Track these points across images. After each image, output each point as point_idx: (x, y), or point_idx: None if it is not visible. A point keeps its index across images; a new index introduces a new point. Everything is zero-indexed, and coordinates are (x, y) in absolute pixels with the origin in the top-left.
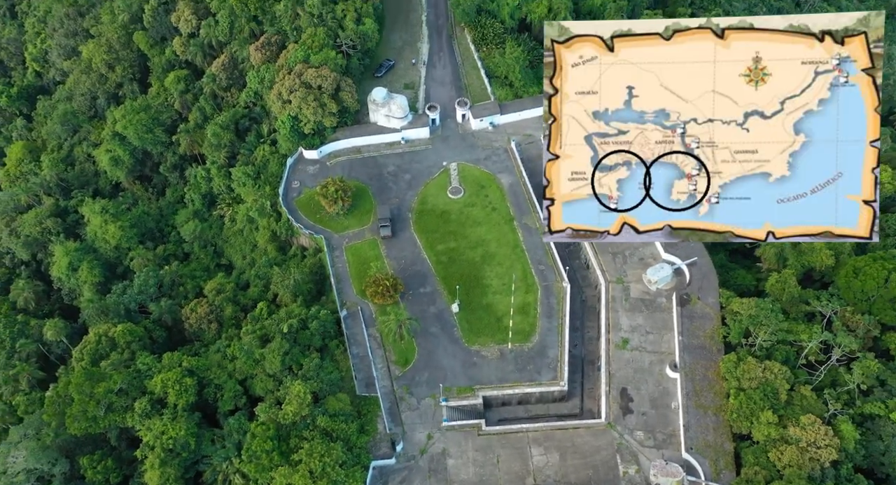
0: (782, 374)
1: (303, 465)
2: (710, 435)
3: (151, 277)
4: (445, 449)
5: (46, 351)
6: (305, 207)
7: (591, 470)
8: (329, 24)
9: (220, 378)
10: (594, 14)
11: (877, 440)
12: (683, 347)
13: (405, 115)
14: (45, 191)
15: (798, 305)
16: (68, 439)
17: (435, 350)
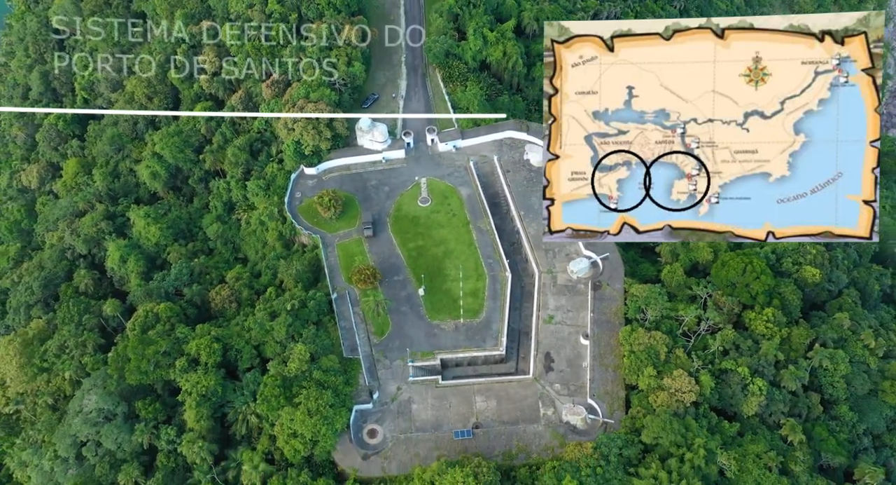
0: (663, 340)
1: (302, 406)
2: (609, 386)
3: (184, 267)
4: (411, 397)
5: (104, 323)
6: (305, 213)
7: (519, 412)
8: (325, 67)
9: (240, 344)
10: (542, 57)
11: (728, 388)
12: (594, 321)
13: (386, 139)
14: (97, 198)
15: (683, 290)
16: (126, 387)
17: (404, 324)
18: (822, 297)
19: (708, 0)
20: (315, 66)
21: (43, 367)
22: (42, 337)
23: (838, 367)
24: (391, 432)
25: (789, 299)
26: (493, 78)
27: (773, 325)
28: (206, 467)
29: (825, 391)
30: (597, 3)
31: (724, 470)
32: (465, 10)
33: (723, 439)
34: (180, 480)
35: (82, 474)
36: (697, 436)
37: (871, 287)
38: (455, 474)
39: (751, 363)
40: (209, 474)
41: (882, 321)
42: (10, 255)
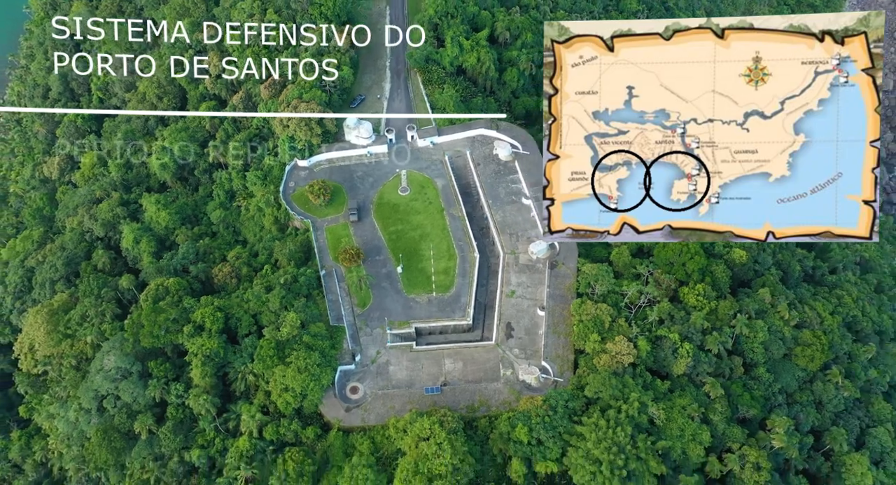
0: (608, 311)
1: (293, 365)
2: (560, 350)
3: (191, 248)
4: (388, 360)
5: (120, 296)
6: (298, 200)
7: (482, 373)
8: (317, 71)
9: (239, 313)
10: (513, 62)
11: (661, 351)
12: (549, 295)
13: (370, 136)
14: (113, 187)
15: (629, 269)
16: (140, 350)
17: (384, 297)
18: (749, 275)
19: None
20: (307, 70)
21: (67, 333)
22: (66, 308)
23: (757, 334)
24: (370, 389)
25: (719, 277)
26: (469, 81)
27: (704, 298)
28: (209, 418)
29: (746, 355)
30: (565, 16)
31: (654, 419)
32: (443, 20)
33: (655, 395)
34: (188, 428)
35: (103, 423)
36: (633, 391)
37: (792, 268)
38: (424, 422)
39: (681, 330)
40: (213, 423)
41: (801, 297)
42: (35, 238)
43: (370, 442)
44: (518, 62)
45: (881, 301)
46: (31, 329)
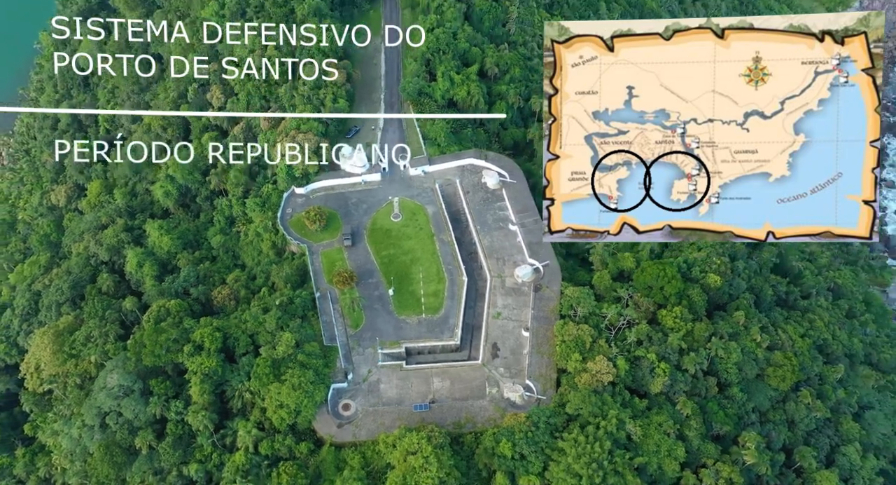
0: (589, 332)
1: (287, 382)
2: (543, 369)
3: (191, 271)
4: (379, 378)
5: (124, 317)
6: (295, 226)
7: (468, 391)
8: (314, 102)
9: (237, 333)
10: (502, 96)
11: (639, 370)
12: (534, 317)
13: (365, 164)
14: (118, 214)
15: (610, 292)
16: (142, 368)
17: (376, 318)
18: (724, 299)
19: None
20: (305, 101)
21: (72, 353)
22: (71, 329)
23: (731, 355)
24: (362, 406)
25: (696, 300)
26: (459, 113)
27: (681, 321)
28: (207, 434)
29: (721, 375)
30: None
31: (632, 435)
32: (435, 56)
33: (633, 412)
34: (186, 444)
35: (105, 439)
36: (612, 408)
37: (765, 293)
38: (412, 437)
39: (659, 351)
40: (210, 439)
41: (773, 321)
42: (42, 263)
43: (361, 457)
44: (506, 96)
45: (852, 326)
46: (38, 349)
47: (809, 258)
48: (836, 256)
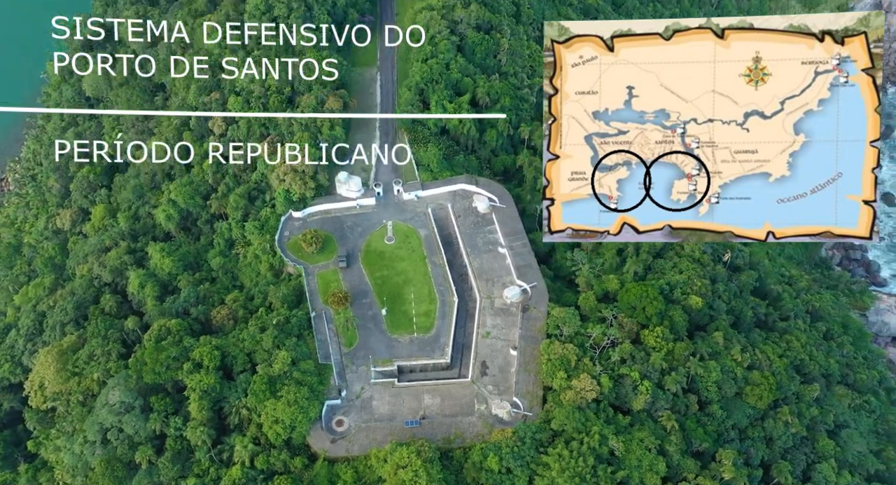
0: (574, 351)
1: (283, 398)
2: (530, 387)
3: (192, 292)
4: (372, 395)
5: (125, 337)
6: (292, 248)
7: (458, 407)
8: (312, 130)
9: (235, 351)
10: (492, 124)
11: (622, 388)
12: (521, 336)
13: (360, 189)
14: (121, 237)
15: (595, 313)
16: (143, 385)
17: (369, 337)
18: (705, 320)
19: None
20: (303, 129)
21: (75, 371)
22: (74, 348)
23: (711, 374)
24: (355, 421)
25: (677, 321)
26: (451, 141)
27: (663, 340)
28: (205, 449)
29: (701, 393)
30: (541, 82)
31: (614, 450)
32: (429, 85)
33: (616, 428)
34: (185, 458)
35: (106, 454)
36: (595, 424)
37: (744, 314)
38: (402, 452)
39: (641, 369)
40: (208, 454)
41: (752, 341)
42: (46, 285)
43: (353, 471)
44: (497, 124)
45: (829, 347)
46: (42, 368)
47: (789, 282)
48: (817, 281)
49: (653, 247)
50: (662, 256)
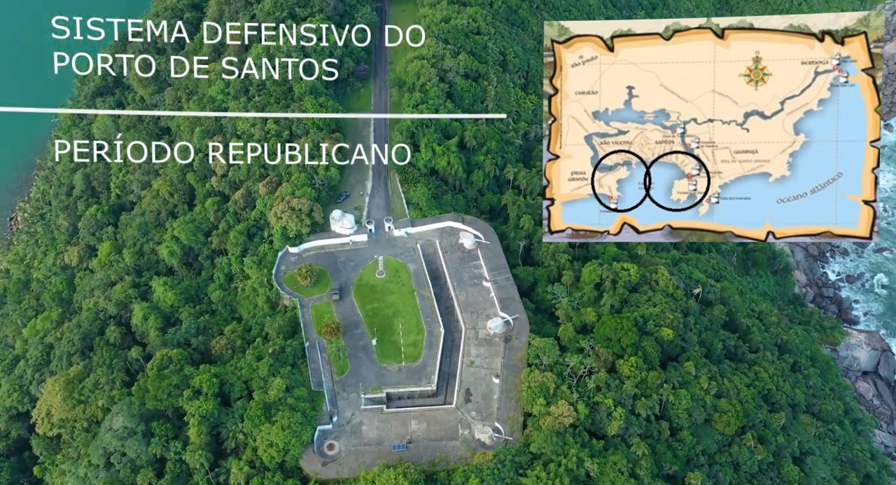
0: (553, 380)
1: (277, 423)
2: (511, 413)
3: (192, 323)
4: (362, 421)
5: (129, 366)
6: (288, 282)
7: (443, 432)
8: (308, 171)
9: (233, 379)
10: (479, 165)
11: (598, 414)
12: (504, 365)
13: (353, 226)
14: (126, 272)
15: (573, 343)
16: (145, 411)
17: (360, 366)
18: (677, 351)
19: None
20: (300, 170)
21: (80, 399)
22: (80, 377)
23: (681, 402)
24: (345, 446)
25: (649, 352)
26: (440, 181)
27: (636, 370)
28: (203, 472)
29: (672, 420)
30: (525, 127)
31: (590, 472)
32: (419, 129)
33: (591, 452)
34: (184, 481)
35: (110, 477)
36: (572, 448)
37: (715, 346)
38: (390, 474)
39: (616, 397)
40: (206, 476)
41: (722, 371)
42: (53, 318)
43: None
44: (483, 165)
45: (796, 378)
46: (49, 396)
47: (759, 316)
48: (790, 316)
49: (628, 282)
50: (638, 290)
